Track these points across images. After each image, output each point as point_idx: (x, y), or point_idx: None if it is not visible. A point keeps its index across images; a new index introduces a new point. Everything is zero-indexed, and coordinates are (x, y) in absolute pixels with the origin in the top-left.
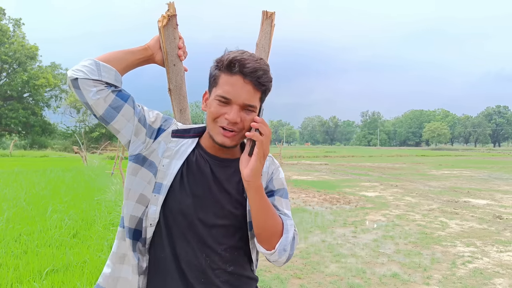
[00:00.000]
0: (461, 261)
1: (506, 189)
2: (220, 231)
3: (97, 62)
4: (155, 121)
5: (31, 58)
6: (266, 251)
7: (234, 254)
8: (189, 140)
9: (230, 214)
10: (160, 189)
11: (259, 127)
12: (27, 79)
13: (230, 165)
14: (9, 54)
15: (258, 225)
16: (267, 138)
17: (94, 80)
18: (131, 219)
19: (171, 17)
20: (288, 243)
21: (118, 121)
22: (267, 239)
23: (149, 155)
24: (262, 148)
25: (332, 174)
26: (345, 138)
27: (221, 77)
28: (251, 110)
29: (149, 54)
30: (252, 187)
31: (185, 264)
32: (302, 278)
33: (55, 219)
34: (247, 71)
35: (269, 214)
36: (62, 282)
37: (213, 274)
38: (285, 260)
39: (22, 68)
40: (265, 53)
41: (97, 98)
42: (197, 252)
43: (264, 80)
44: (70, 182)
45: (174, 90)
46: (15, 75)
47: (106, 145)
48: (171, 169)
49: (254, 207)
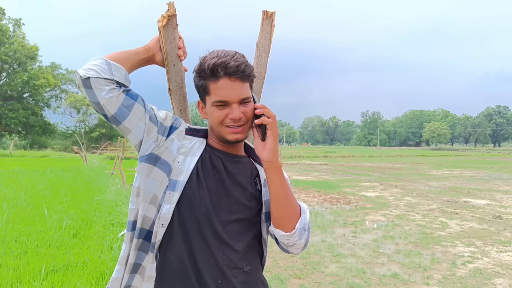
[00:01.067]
0: (461, 261)
1: (506, 189)
2: (236, 227)
3: (107, 61)
4: (165, 118)
5: (31, 58)
6: (286, 233)
7: (249, 252)
8: (200, 138)
9: (244, 208)
10: (176, 186)
11: (264, 112)
12: (27, 79)
13: (240, 161)
14: (9, 54)
15: (279, 206)
16: (274, 119)
17: (106, 79)
18: (144, 219)
19: (171, 17)
20: (307, 222)
21: (130, 120)
22: (287, 219)
23: (161, 154)
24: (273, 129)
25: (332, 174)
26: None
27: (209, 85)
28: (247, 101)
29: (150, 54)
30: (273, 166)
31: (202, 263)
32: (302, 278)
33: (55, 219)
34: (231, 71)
35: (289, 194)
36: (62, 282)
37: (231, 274)
38: (304, 243)
39: (22, 68)
40: (265, 53)
41: (110, 96)
42: (213, 250)
43: (248, 71)
44: (70, 182)
45: (174, 90)
46: (15, 75)
47: (106, 145)
48: (186, 166)
49: (276, 188)
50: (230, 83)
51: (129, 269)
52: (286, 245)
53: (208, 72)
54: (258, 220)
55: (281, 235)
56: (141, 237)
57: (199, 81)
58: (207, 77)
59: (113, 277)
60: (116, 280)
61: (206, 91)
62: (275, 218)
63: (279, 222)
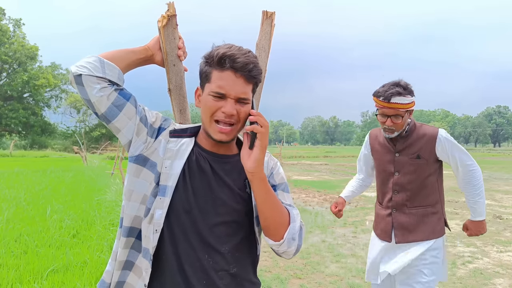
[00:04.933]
0: (461, 261)
1: (506, 189)
2: (223, 230)
3: (101, 59)
4: (155, 120)
5: (31, 58)
6: (275, 243)
7: (236, 255)
8: (187, 139)
9: (232, 210)
10: (165, 192)
11: (257, 120)
12: (27, 79)
13: (228, 161)
14: (9, 54)
15: (265, 217)
16: (266, 129)
17: (98, 77)
18: (135, 219)
19: (170, 17)
20: (296, 232)
21: (120, 119)
22: (275, 230)
23: (150, 155)
24: (263, 139)
25: (332, 174)
26: (345, 138)
27: (213, 73)
28: (245, 102)
29: (149, 54)
30: (257, 178)
31: (188, 265)
32: (302, 278)
33: (55, 219)
34: (238, 66)
35: (275, 204)
36: (62, 282)
37: (216, 275)
38: (294, 251)
39: (22, 68)
40: (265, 53)
41: (100, 95)
42: (199, 253)
43: (255, 73)
44: (70, 182)
45: (174, 90)
46: (15, 75)
47: (106, 145)
48: (174, 170)
49: (260, 199)
50: (234, 78)
51: (119, 266)
52: (277, 252)
53: (215, 60)
54: (247, 222)
55: (270, 244)
56: (133, 236)
57: (204, 67)
58: (213, 65)
59: (107, 269)
60: (108, 272)
61: (208, 78)
62: (263, 227)
63: (268, 232)
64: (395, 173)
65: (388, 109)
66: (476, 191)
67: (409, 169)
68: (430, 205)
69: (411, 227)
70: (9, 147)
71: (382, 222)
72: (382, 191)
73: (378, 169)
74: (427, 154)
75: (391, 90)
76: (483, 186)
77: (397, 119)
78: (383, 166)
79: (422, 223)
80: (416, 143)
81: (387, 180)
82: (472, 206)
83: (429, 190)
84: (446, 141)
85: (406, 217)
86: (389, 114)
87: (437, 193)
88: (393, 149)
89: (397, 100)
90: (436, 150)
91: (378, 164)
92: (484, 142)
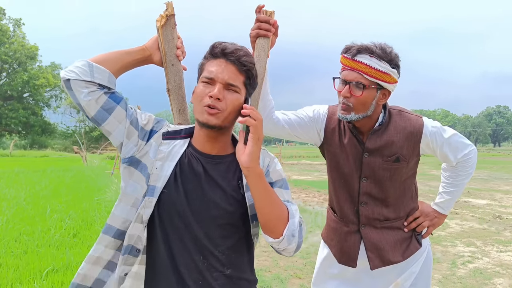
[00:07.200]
0: (461, 261)
1: (506, 189)
2: (217, 232)
3: (90, 63)
4: (147, 123)
5: (31, 58)
6: (274, 240)
7: (232, 256)
8: (180, 141)
9: (225, 213)
10: (154, 192)
11: (250, 113)
12: (27, 79)
13: (222, 162)
14: (9, 54)
15: (263, 214)
16: (259, 122)
17: (86, 81)
18: (124, 222)
19: (169, 17)
20: (295, 228)
21: (110, 123)
22: (274, 227)
23: (141, 158)
24: (256, 132)
25: None
26: None
27: (205, 64)
28: (234, 90)
29: (147, 54)
30: (253, 173)
31: (183, 267)
32: (302, 278)
33: (55, 219)
34: (228, 51)
35: (273, 201)
36: (62, 282)
37: (210, 276)
38: (295, 248)
39: (22, 68)
40: (264, 53)
41: (88, 99)
42: (193, 254)
43: (246, 60)
44: (70, 182)
45: (173, 90)
46: (15, 75)
47: (106, 145)
48: (164, 171)
49: (257, 195)
50: (225, 64)
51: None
52: (277, 249)
53: (208, 51)
54: (243, 223)
55: (270, 241)
56: (117, 235)
57: (200, 62)
58: (207, 57)
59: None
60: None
61: (202, 70)
62: (261, 224)
63: (266, 229)
64: (362, 179)
65: (350, 70)
66: (469, 170)
67: (383, 174)
68: (408, 215)
69: (387, 246)
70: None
71: (343, 242)
72: (340, 200)
73: (333, 168)
74: (408, 154)
75: (362, 45)
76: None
77: (357, 90)
78: (342, 167)
79: (402, 240)
80: (394, 141)
81: (350, 187)
82: (449, 190)
83: (407, 197)
84: (435, 136)
85: (379, 233)
86: (349, 78)
87: (415, 198)
88: (360, 147)
89: (364, 59)
90: (421, 148)
91: (334, 162)
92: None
